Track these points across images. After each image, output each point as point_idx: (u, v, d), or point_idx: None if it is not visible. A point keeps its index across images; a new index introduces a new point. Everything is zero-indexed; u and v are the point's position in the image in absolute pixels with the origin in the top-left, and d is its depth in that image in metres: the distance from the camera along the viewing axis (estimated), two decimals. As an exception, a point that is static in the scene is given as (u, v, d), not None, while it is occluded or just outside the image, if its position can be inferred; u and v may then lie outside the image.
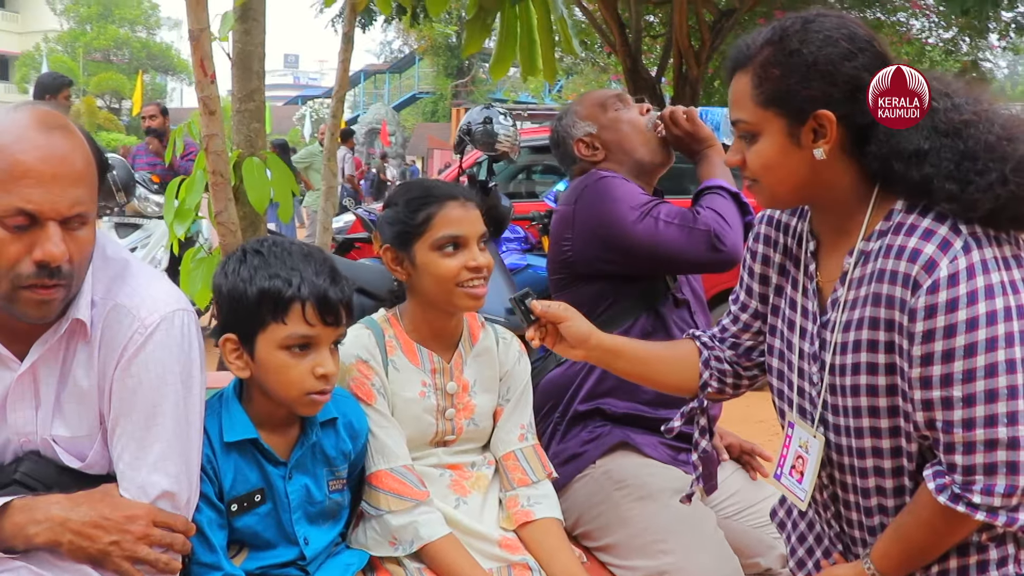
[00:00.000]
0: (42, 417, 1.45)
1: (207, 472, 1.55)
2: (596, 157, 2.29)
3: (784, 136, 1.43)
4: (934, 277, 1.31)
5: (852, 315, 1.45)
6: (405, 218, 1.80)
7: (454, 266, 1.76)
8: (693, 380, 1.78)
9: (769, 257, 1.67)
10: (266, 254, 1.56)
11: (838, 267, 1.50)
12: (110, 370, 1.44)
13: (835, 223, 1.51)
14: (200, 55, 1.94)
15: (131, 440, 1.44)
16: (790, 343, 1.60)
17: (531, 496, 1.84)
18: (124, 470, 1.45)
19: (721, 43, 12.58)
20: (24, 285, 1.31)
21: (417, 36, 32.55)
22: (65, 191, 1.30)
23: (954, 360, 1.31)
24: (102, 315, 1.44)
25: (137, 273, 1.50)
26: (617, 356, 1.74)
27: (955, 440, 1.34)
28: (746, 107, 1.46)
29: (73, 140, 1.34)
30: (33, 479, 1.44)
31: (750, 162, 1.48)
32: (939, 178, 1.36)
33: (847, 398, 1.46)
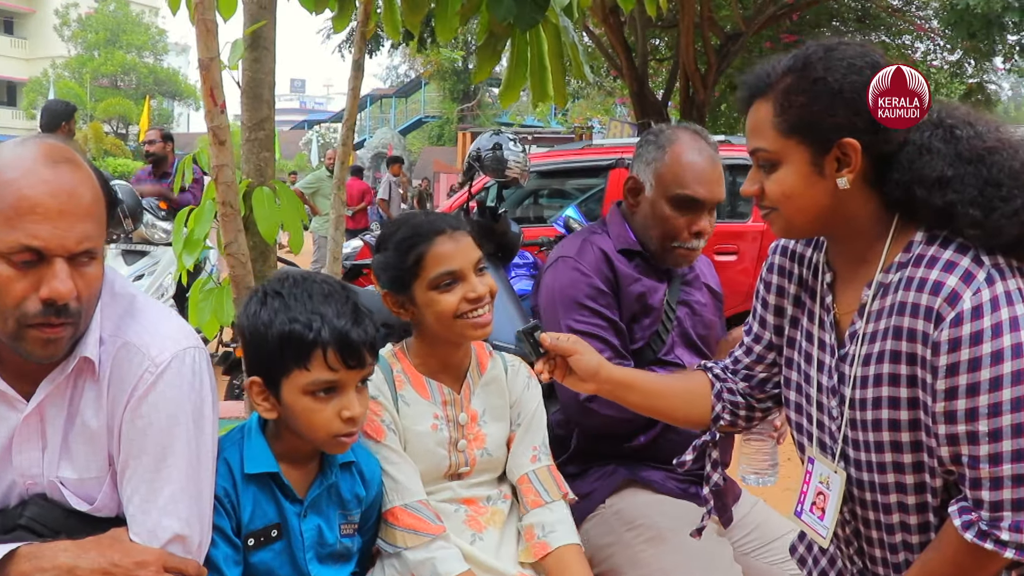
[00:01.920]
0: (49, 458, 1.41)
1: (224, 505, 1.52)
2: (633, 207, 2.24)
3: (807, 165, 1.40)
4: (957, 310, 1.29)
5: (872, 348, 1.42)
6: (396, 262, 1.77)
7: (453, 301, 1.73)
8: (705, 413, 1.75)
9: (784, 288, 1.64)
10: (286, 296, 1.52)
11: (856, 299, 1.47)
12: (119, 410, 1.40)
13: (853, 254, 1.48)
14: (210, 84, 1.92)
15: (141, 482, 1.40)
16: (808, 376, 1.57)
17: (545, 524, 1.80)
18: (134, 513, 1.41)
19: (727, 67, 12.63)
20: (31, 324, 1.28)
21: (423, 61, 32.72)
22: (73, 226, 1.27)
23: (979, 394, 1.28)
24: (111, 353, 1.40)
25: (146, 309, 1.47)
26: (628, 389, 1.71)
27: (981, 476, 1.30)
28: (767, 135, 1.42)
29: (81, 174, 1.31)
30: (40, 524, 1.40)
31: (769, 191, 1.45)
32: (963, 204, 1.34)
33: (868, 432, 1.43)
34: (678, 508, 2.04)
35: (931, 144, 1.38)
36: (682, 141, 2.14)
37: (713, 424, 1.75)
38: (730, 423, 1.76)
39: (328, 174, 10.43)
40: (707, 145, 2.15)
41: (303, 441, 1.56)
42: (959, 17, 10.19)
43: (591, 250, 2.16)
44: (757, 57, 13.89)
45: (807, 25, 13.78)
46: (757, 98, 1.45)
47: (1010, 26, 10.26)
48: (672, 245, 2.13)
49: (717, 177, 2.14)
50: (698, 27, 11.63)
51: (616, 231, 2.23)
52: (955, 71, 15.32)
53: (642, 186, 2.17)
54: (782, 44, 13.54)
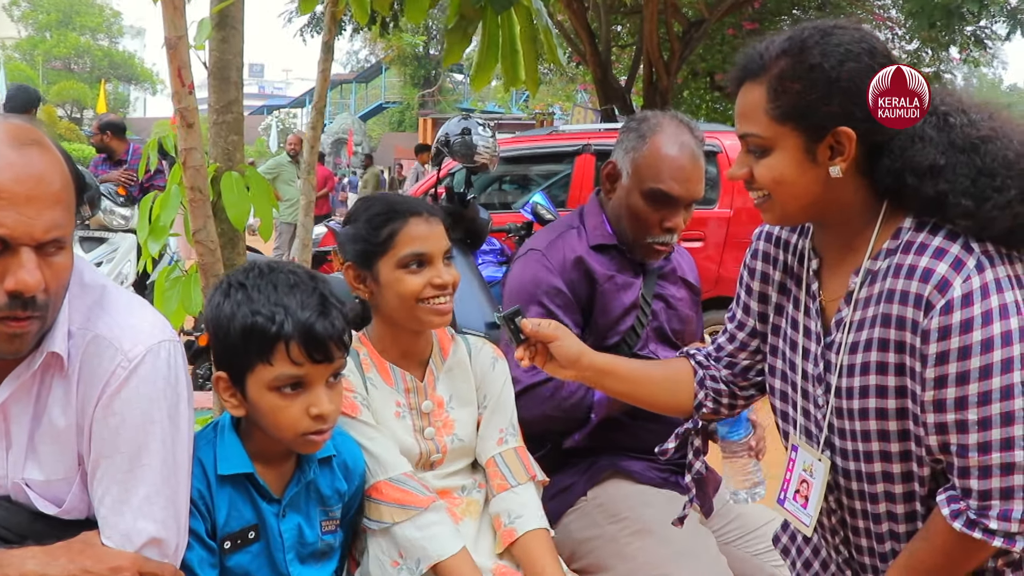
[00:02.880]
0: (13, 459, 1.33)
1: (199, 508, 1.45)
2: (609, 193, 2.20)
3: (800, 152, 1.37)
4: (947, 297, 1.27)
5: (859, 336, 1.40)
6: (368, 235, 1.74)
7: (418, 283, 1.71)
8: (687, 400, 1.72)
9: (768, 275, 1.61)
10: (249, 287, 1.46)
11: (842, 286, 1.45)
12: (90, 408, 1.32)
13: (841, 240, 1.46)
14: (178, 64, 1.83)
15: (113, 483, 1.33)
16: (793, 364, 1.54)
17: (512, 511, 1.76)
18: (106, 516, 1.33)
19: (690, 53, 12.64)
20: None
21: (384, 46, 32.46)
22: (41, 214, 1.19)
23: (969, 382, 1.27)
24: (80, 348, 1.32)
25: (117, 301, 1.39)
26: (609, 376, 1.68)
27: (970, 464, 1.29)
28: (758, 121, 1.39)
29: (49, 157, 1.23)
30: (4, 528, 1.32)
31: (760, 176, 1.42)
32: (955, 194, 1.32)
33: (855, 421, 1.41)
34: (661, 498, 2.02)
35: (924, 132, 1.36)
36: (664, 132, 2.09)
37: (696, 412, 1.72)
38: (713, 411, 1.73)
39: (289, 159, 10.28)
40: (691, 138, 2.10)
41: (273, 440, 1.50)
42: (920, 7, 10.28)
43: (561, 248, 2.13)
44: (719, 44, 13.95)
45: (768, 13, 13.84)
46: (748, 80, 1.41)
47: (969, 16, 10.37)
48: (644, 240, 2.09)
49: (697, 175, 2.09)
50: (661, 14, 11.62)
51: (592, 223, 2.19)
52: (913, 60, 15.49)
53: (619, 173, 2.13)
54: (744, 31, 13.59)
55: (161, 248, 2.24)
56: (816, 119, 1.35)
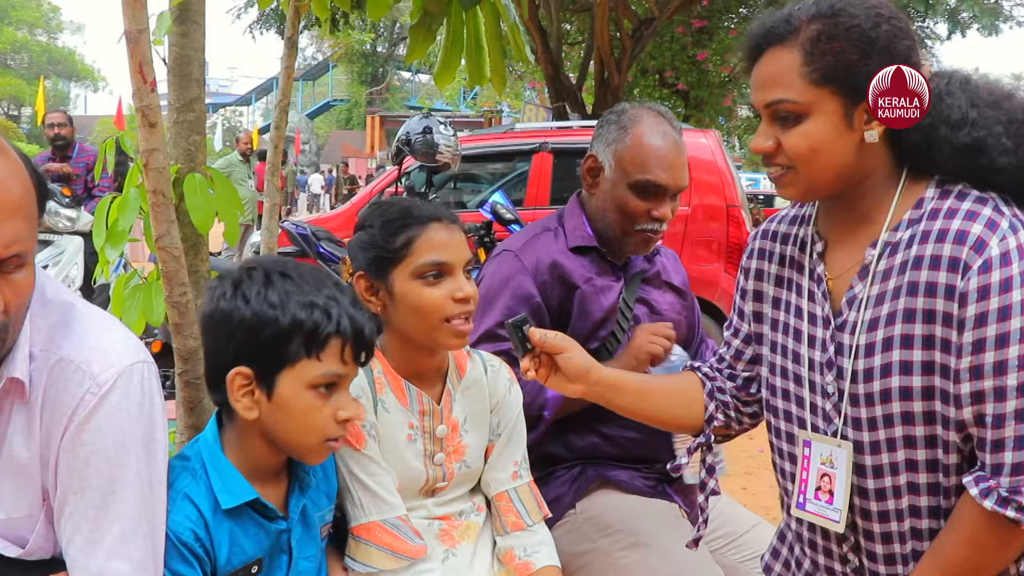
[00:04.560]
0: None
1: (195, 551, 1.32)
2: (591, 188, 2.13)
3: (838, 116, 1.34)
4: (984, 257, 1.24)
5: (878, 311, 1.35)
6: (382, 242, 1.61)
7: (438, 297, 1.57)
8: (698, 414, 1.66)
9: (763, 271, 1.58)
10: (295, 278, 1.36)
11: (852, 263, 1.41)
12: (56, 437, 1.20)
13: (855, 215, 1.42)
14: (139, 59, 1.72)
15: (84, 520, 1.21)
16: (797, 355, 1.48)
17: (527, 546, 1.69)
18: (75, 556, 1.21)
19: (641, 51, 12.66)
20: None
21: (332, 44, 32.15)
22: (14, 223, 1.08)
23: (1008, 344, 1.23)
24: (44, 371, 1.20)
25: (84, 319, 1.26)
26: (619, 391, 1.59)
27: (1005, 435, 1.24)
28: (792, 85, 1.35)
29: (7, 162, 1.11)
30: None
31: (791, 146, 1.37)
32: (993, 136, 1.31)
33: (875, 406, 1.35)
34: (651, 508, 1.96)
35: (950, 89, 1.36)
36: (645, 122, 2.03)
37: (707, 425, 1.65)
38: (724, 424, 1.67)
39: (240, 159, 10.09)
40: (671, 128, 2.05)
41: (275, 451, 1.40)
42: (867, 5, 10.40)
43: (535, 251, 2.05)
44: (668, 42, 14.01)
45: (716, 11, 13.93)
46: (774, 46, 1.37)
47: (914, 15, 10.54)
48: (633, 228, 2.03)
49: (681, 163, 2.04)
50: (612, 11, 11.62)
51: (572, 224, 2.12)
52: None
53: (601, 167, 2.07)
54: (693, 29, 13.67)
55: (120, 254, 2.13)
56: (857, 80, 1.32)
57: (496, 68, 3.14)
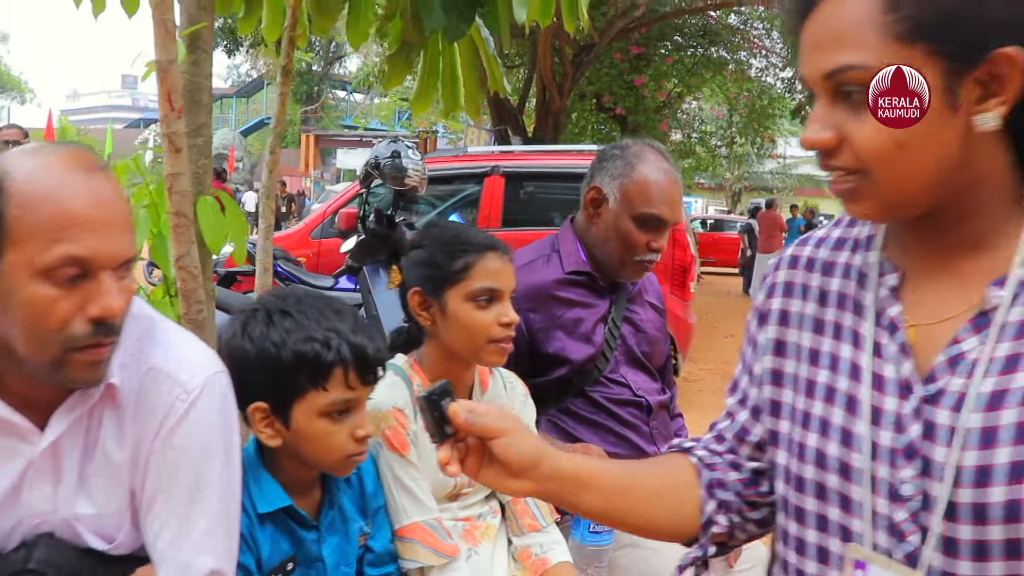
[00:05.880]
0: (63, 494, 1.28)
1: (247, 542, 1.43)
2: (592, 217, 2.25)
3: (939, 92, 0.89)
4: None
5: (1011, 382, 0.91)
6: (442, 263, 1.73)
7: (487, 319, 1.71)
8: (692, 517, 1.19)
9: (790, 313, 1.12)
10: (295, 314, 1.46)
11: (952, 309, 0.97)
12: (147, 441, 1.29)
13: (957, 239, 0.99)
14: (167, 88, 1.83)
15: (172, 517, 1.30)
16: (848, 435, 1.01)
17: (543, 543, 1.81)
18: (164, 550, 1.30)
19: (581, 76, 12.95)
20: (77, 347, 1.17)
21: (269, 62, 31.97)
22: (117, 237, 1.17)
23: None
24: (135, 380, 1.29)
25: (167, 332, 1.36)
26: (582, 488, 1.11)
27: None
28: (865, 43, 0.91)
29: (114, 182, 1.21)
30: (52, 567, 1.26)
31: (864, 137, 0.93)
32: None
33: (989, 526, 0.90)
34: None
35: None
36: (649, 159, 2.18)
37: (703, 533, 1.19)
38: (727, 532, 1.19)
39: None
40: (670, 166, 2.20)
41: (306, 467, 1.51)
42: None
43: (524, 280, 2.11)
44: (607, 68, 14.32)
45: (654, 38, 14.29)
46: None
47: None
48: (632, 258, 2.17)
49: (680, 198, 2.20)
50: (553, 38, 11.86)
51: (567, 250, 2.25)
52: (788, 87, 16.26)
53: (605, 198, 2.21)
54: (631, 55, 14.01)
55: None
56: (967, 33, 0.88)
57: (471, 97, 3.29)
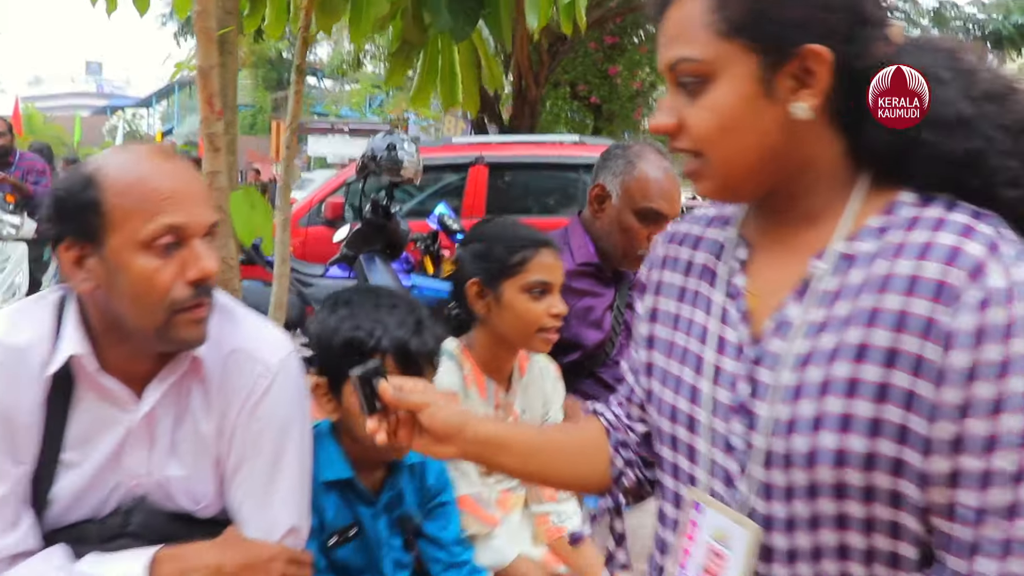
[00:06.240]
0: (156, 458, 1.43)
1: (316, 505, 1.58)
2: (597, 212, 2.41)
3: (753, 81, 0.99)
4: (984, 288, 0.90)
5: (817, 343, 0.99)
6: (501, 257, 1.88)
7: (540, 310, 1.86)
8: (604, 472, 1.30)
9: (663, 283, 1.23)
10: (354, 304, 1.61)
11: (787, 279, 1.05)
12: (232, 414, 1.44)
13: (794, 215, 1.08)
14: (209, 92, 1.95)
15: (258, 481, 1.45)
16: (695, 392, 1.11)
17: (560, 512, 1.97)
18: (251, 510, 1.45)
19: (557, 65, 13.09)
20: (181, 308, 1.32)
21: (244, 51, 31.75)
22: (202, 207, 1.35)
23: (1004, 411, 0.89)
24: (220, 359, 1.44)
25: (245, 316, 1.52)
26: (502, 450, 1.23)
27: (984, 536, 0.90)
28: (695, 39, 1.01)
29: (186, 164, 1.39)
30: (148, 530, 1.41)
31: (696, 122, 1.03)
32: (995, 155, 0.98)
33: (796, 471, 0.99)
34: None
35: (937, 72, 1.00)
36: (649, 158, 2.34)
37: (615, 485, 1.30)
38: (636, 484, 1.31)
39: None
40: (669, 163, 2.37)
41: (365, 447, 1.62)
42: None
43: None
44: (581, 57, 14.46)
45: (627, 28, 14.45)
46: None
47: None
48: (634, 252, 2.33)
49: (679, 195, 2.37)
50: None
51: (577, 243, 2.43)
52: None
53: (609, 195, 2.37)
54: (605, 45, 14.16)
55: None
56: (777, 31, 0.98)
57: (469, 93, 3.42)
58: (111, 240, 1.30)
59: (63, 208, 1.33)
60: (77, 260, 1.33)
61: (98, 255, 1.31)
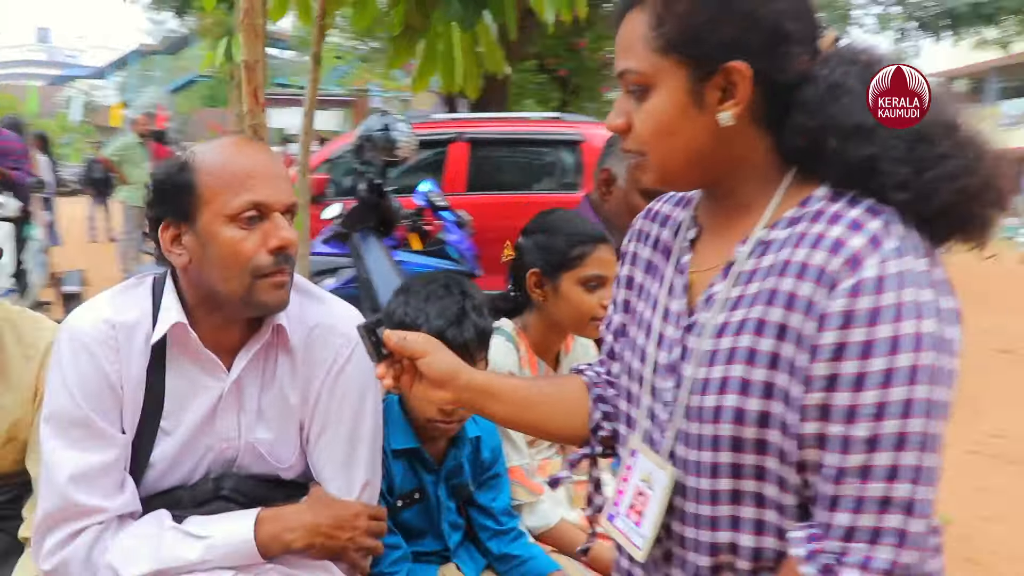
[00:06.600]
0: (245, 422, 1.58)
1: (386, 469, 1.73)
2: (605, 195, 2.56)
3: (684, 92, 1.14)
4: (858, 277, 1.03)
5: (732, 316, 1.15)
6: (561, 248, 2.02)
7: (593, 301, 2.00)
8: (583, 423, 1.45)
9: (638, 255, 1.39)
10: (410, 292, 1.76)
11: (722, 258, 1.21)
12: (316, 383, 1.60)
13: (731, 207, 1.22)
14: (254, 85, 2.06)
15: (340, 443, 1.61)
16: (644, 354, 1.29)
17: None
18: (334, 470, 1.61)
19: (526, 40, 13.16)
20: (263, 274, 1.47)
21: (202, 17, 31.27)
22: (283, 186, 1.50)
23: (864, 388, 1.02)
24: (304, 334, 1.59)
25: (319, 293, 1.68)
26: (492, 398, 1.37)
27: (842, 492, 1.05)
28: (638, 53, 1.16)
29: (270, 149, 1.57)
30: (240, 494, 1.57)
31: (638, 126, 1.18)
32: (887, 161, 1.09)
33: (705, 423, 1.15)
34: None
35: (847, 83, 1.12)
36: None
37: (593, 436, 1.44)
38: (611, 434, 1.43)
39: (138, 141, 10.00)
40: None
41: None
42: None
43: None
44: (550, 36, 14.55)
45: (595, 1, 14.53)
46: (632, 8, 1.18)
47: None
48: None
49: None
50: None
51: None
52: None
53: (615, 178, 2.52)
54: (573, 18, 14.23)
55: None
56: (703, 49, 1.12)
57: (470, 77, 3.53)
58: (203, 216, 1.47)
59: (162, 192, 1.51)
60: (175, 238, 1.50)
61: (192, 231, 1.48)
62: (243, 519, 1.51)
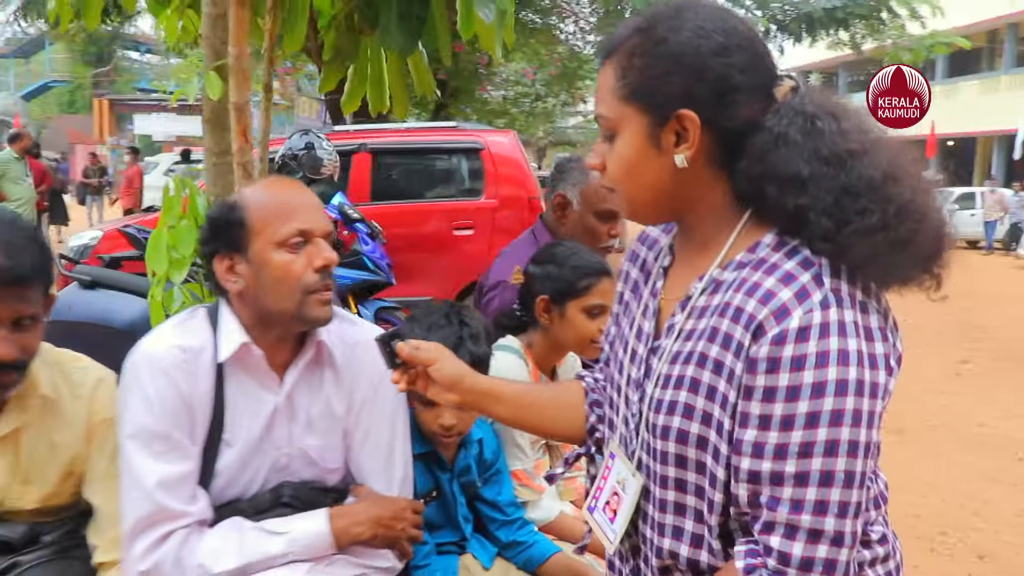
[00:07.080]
0: (297, 431, 1.78)
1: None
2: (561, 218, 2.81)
3: (644, 137, 1.26)
4: (782, 327, 1.13)
5: (684, 346, 1.27)
6: (569, 278, 2.23)
7: (594, 328, 2.21)
8: (579, 424, 1.60)
9: (629, 275, 1.52)
10: (417, 320, 1.99)
11: (682, 290, 1.33)
12: (359, 395, 1.81)
13: (695, 241, 1.34)
14: (243, 124, 2.20)
15: (383, 447, 1.83)
16: (622, 366, 1.42)
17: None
18: (379, 470, 1.83)
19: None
20: (311, 291, 1.67)
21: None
22: (321, 215, 1.74)
23: (792, 428, 1.13)
24: (346, 351, 1.80)
25: (351, 316, 1.90)
26: (495, 400, 1.55)
27: (777, 520, 1.15)
28: (607, 101, 1.30)
29: (307, 188, 1.84)
30: (297, 499, 1.75)
31: (610, 166, 1.32)
32: (815, 211, 1.18)
33: (657, 439, 1.28)
34: None
35: (789, 134, 1.21)
36: None
37: (589, 436, 1.59)
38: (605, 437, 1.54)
39: (16, 157, 9.70)
40: None
41: None
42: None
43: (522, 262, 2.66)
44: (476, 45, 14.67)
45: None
46: (605, 60, 1.31)
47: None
48: (599, 247, 2.74)
49: None
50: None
51: (544, 240, 2.82)
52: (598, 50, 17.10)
53: (570, 202, 2.78)
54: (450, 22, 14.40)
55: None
56: (658, 98, 1.24)
57: (398, 98, 3.69)
58: (254, 245, 1.68)
59: (216, 228, 1.73)
60: (229, 268, 1.71)
61: (245, 260, 1.69)
62: (316, 516, 1.73)
